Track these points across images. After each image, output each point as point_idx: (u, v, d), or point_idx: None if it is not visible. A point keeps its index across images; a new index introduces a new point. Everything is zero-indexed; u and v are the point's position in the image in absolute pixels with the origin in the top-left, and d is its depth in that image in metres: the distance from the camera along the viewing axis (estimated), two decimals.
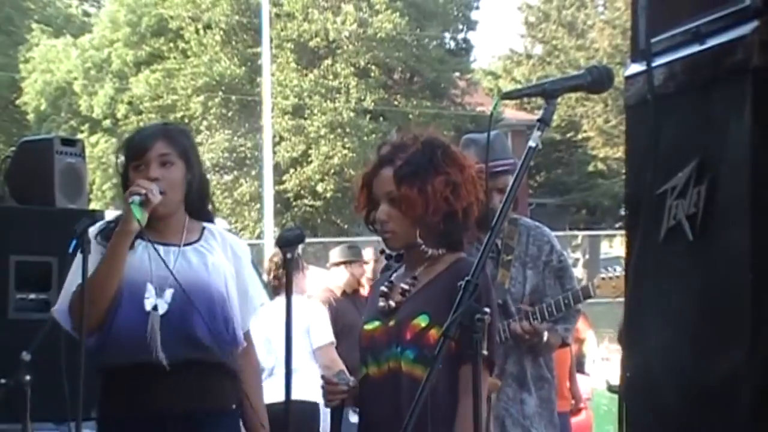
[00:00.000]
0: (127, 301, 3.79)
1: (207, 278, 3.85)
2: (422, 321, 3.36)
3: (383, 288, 3.58)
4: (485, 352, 2.69)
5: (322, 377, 3.60)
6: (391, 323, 3.46)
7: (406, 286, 3.50)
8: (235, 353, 3.93)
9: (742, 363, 1.79)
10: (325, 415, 6.61)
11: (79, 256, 3.74)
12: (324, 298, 8.64)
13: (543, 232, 4.54)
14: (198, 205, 4.00)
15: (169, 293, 3.79)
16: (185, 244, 3.90)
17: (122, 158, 3.98)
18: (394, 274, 3.62)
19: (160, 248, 3.88)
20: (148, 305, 3.78)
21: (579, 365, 10.14)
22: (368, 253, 8.81)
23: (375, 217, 3.49)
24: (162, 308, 3.78)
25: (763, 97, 1.77)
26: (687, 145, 1.97)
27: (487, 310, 2.66)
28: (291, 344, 3.46)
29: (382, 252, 3.83)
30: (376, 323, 3.52)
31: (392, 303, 3.50)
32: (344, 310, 8.21)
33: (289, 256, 3.38)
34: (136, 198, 3.71)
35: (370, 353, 3.51)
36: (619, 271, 4.56)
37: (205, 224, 4.01)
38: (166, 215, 3.89)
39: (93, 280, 3.73)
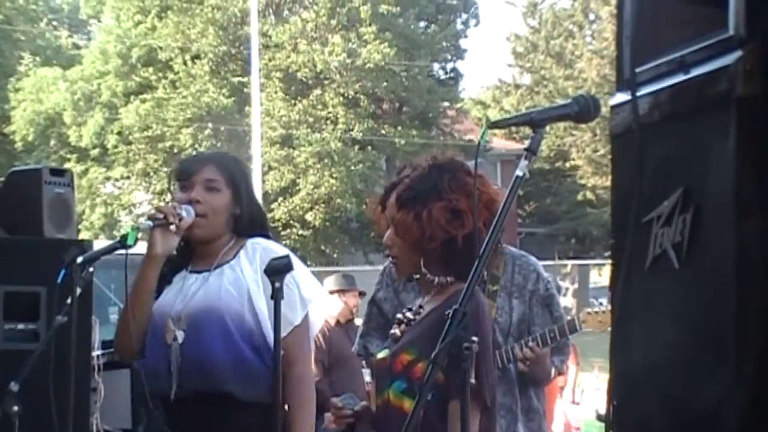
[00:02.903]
0: (150, 335, 3.83)
1: (216, 300, 3.79)
2: (411, 354, 3.33)
3: (399, 315, 3.56)
4: (473, 380, 2.67)
5: (330, 402, 3.58)
6: (390, 353, 3.46)
7: (411, 316, 3.49)
8: (266, 373, 3.72)
9: (728, 391, 1.79)
10: None
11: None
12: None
13: (528, 261, 4.52)
14: (248, 232, 3.94)
15: (184, 322, 3.79)
16: (216, 267, 3.87)
17: (174, 180, 3.98)
18: (415, 302, 3.61)
19: (192, 277, 3.87)
20: (169, 338, 3.78)
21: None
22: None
23: None
24: (180, 338, 3.77)
25: (746, 126, 1.78)
26: (672, 173, 1.98)
27: (475, 339, 2.65)
28: (279, 370, 3.45)
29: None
30: (386, 351, 3.51)
31: (398, 332, 3.49)
32: (338, 340, 8.17)
33: (277, 285, 3.37)
34: (144, 224, 3.72)
35: (378, 381, 3.51)
36: (606, 305, 4.58)
37: (250, 240, 3.91)
38: (207, 240, 3.88)
39: (123, 310, 3.84)
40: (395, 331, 3.51)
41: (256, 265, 3.83)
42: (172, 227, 3.75)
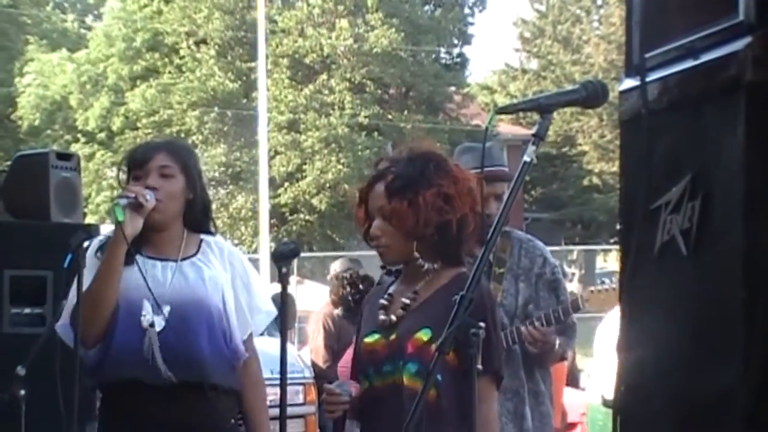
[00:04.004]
0: (123, 318, 3.80)
1: (205, 293, 3.84)
2: (424, 335, 3.36)
3: (383, 301, 3.57)
4: (480, 367, 2.69)
5: (324, 387, 3.60)
6: (392, 337, 3.46)
7: (407, 301, 3.50)
8: (237, 367, 3.93)
9: (735, 380, 1.78)
10: None
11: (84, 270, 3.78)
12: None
13: (535, 245, 4.53)
14: (199, 222, 4.00)
15: (166, 310, 3.79)
16: (182, 259, 3.90)
17: (125, 169, 4.00)
18: (391, 288, 3.62)
19: (158, 264, 3.88)
20: (144, 322, 3.77)
21: (573, 379, 10.13)
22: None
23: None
24: (159, 325, 3.77)
25: (756, 112, 1.77)
26: (681, 159, 1.97)
27: (482, 324, 2.66)
28: (285, 355, 3.45)
29: (383, 267, 3.84)
30: (377, 336, 3.51)
31: (393, 317, 3.50)
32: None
33: (284, 270, 3.39)
34: (122, 200, 3.72)
35: (372, 366, 3.50)
36: (608, 284, 4.56)
37: (204, 236, 4.00)
38: (162, 226, 3.88)
39: (90, 292, 3.73)
40: (388, 317, 3.51)
41: (226, 266, 3.95)
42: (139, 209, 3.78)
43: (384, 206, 3.43)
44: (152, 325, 3.78)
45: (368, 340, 3.55)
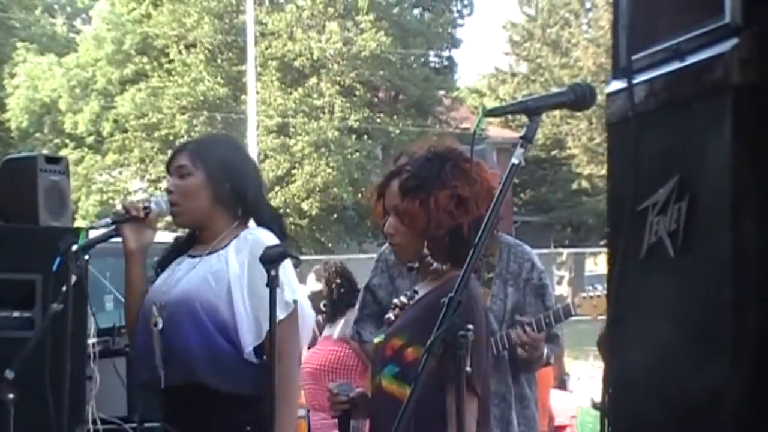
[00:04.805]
0: (140, 320, 3.87)
1: (193, 288, 3.77)
2: (402, 338, 3.36)
3: (395, 300, 3.59)
4: (468, 368, 2.67)
5: (328, 387, 3.60)
6: (384, 338, 3.48)
7: (405, 300, 3.51)
8: (249, 366, 3.75)
9: (725, 380, 1.79)
10: None
11: None
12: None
13: (524, 249, 4.52)
14: (246, 212, 3.92)
15: (165, 309, 3.79)
16: (209, 253, 3.87)
17: None
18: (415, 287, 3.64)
19: (186, 261, 3.91)
20: (151, 322, 3.79)
21: (561, 383, 10.15)
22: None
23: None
24: (160, 324, 3.78)
25: (742, 114, 1.78)
26: (668, 161, 1.98)
27: (471, 327, 2.65)
28: (275, 358, 3.45)
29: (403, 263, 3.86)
30: (382, 336, 3.53)
31: (392, 316, 3.52)
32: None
33: (272, 273, 3.37)
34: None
35: (373, 366, 3.53)
36: (600, 290, 4.56)
37: (246, 231, 3.88)
38: (194, 225, 3.93)
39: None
40: (389, 315, 3.54)
41: (243, 258, 3.78)
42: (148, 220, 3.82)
43: (398, 205, 3.41)
44: (156, 325, 3.78)
45: (376, 340, 3.57)
